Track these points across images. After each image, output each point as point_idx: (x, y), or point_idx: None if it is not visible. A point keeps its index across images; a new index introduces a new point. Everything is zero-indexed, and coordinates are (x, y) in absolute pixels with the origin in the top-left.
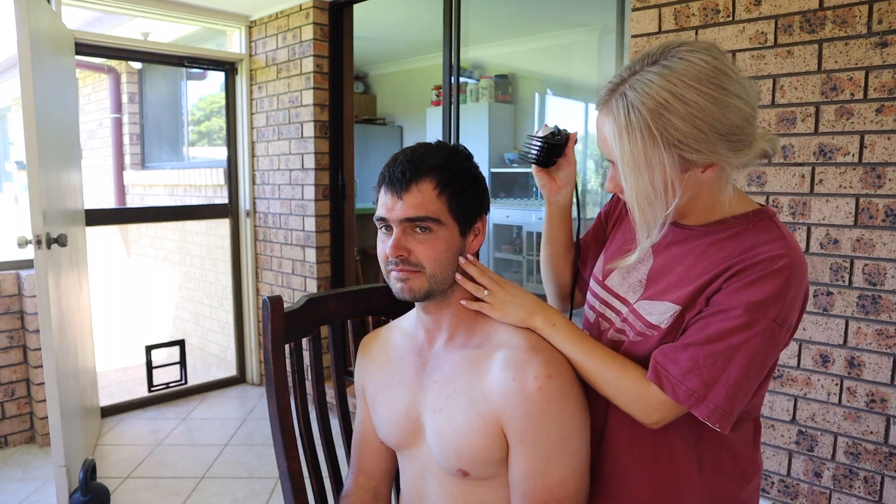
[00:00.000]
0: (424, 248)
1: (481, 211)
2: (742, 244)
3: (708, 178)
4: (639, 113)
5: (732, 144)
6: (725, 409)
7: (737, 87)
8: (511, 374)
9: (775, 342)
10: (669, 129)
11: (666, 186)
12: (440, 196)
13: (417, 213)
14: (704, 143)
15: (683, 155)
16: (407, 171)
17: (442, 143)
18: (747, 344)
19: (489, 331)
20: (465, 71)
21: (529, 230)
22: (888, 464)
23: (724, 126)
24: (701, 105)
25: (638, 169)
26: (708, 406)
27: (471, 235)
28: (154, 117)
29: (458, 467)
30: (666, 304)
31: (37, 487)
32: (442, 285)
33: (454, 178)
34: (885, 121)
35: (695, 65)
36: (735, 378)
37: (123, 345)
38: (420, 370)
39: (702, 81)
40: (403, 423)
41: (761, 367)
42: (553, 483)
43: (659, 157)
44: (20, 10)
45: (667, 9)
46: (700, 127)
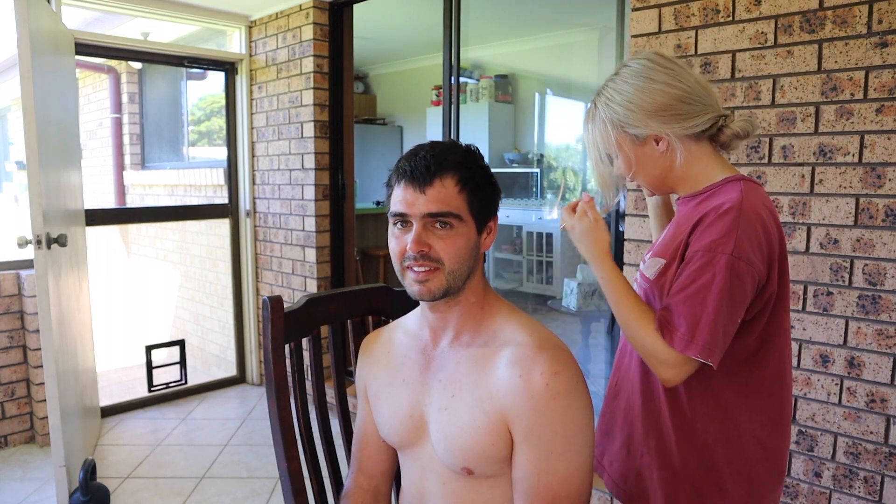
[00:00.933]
0: (445, 244)
1: (495, 210)
2: (711, 202)
3: (665, 150)
4: (596, 110)
5: (663, 119)
6: (711, 343)
7: (662, 76)
8: (517, 371)
9: (738, 276)
10: (612, 114)
11: (629, 162)
12: (461, 192)
13: (441, 208)
14: (638, 119)
15: (628, 131)
16: (431, 165)
17: (456, 143)
18: (714, 280)
19: (495, 329)
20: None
21: (529, 230)
22: (888, 464)
23: (649, 105)
24: (629, 92)
25: (597, 150)
26: (696, 346)
27: (484, 233)
28: (154, 117)
29: (462, 465)
30: (656, 259)
31: (37, 487)
32: (458, 282)
33: (474, 176)
34: (885, 121)
35: (630, 68)
36: (713, 314)
37: (123, 345)
38: (424, 369)
39: (632, 77)
40: (407, 422)
41: (733, 301)
42: (557, 480)
43: (613, 138)
44: (20, 10)
45: (667, 9)
46: (630, 108)
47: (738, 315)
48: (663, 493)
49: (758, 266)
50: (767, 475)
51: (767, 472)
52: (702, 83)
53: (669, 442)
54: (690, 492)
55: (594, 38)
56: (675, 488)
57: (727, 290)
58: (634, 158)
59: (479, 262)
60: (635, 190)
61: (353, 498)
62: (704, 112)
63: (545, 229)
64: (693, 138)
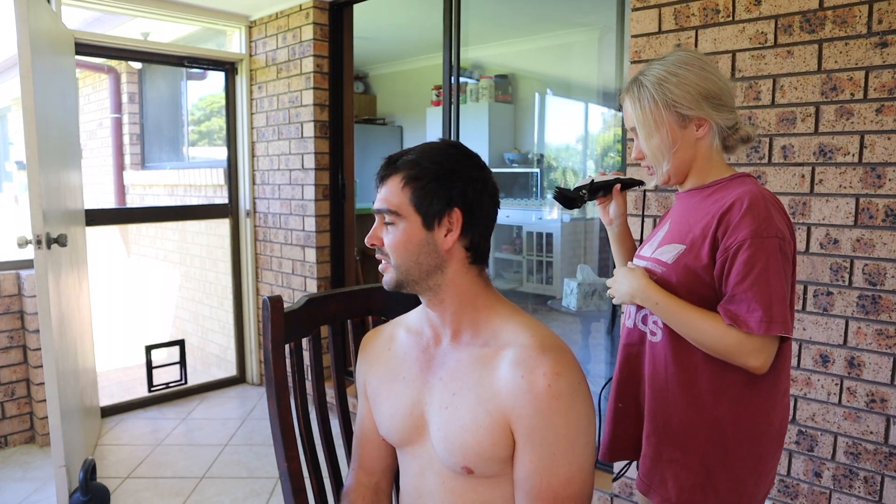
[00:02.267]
0: (388, 240)
1: (451, 205)
2: (725, 194)
3: (701, 136)
4: (646, 88)
5: (713, 104)
6: (786, 317)
7: (711, 69)
8: (520, 371)
9: (785, 253)
10: (667, 94)
11: (673, 136)
12: (403, 189)
13: (381, 205)
14: (693, 101)
15: (680, 111)
16: (382, 167)
17: (434, 143)
18: (770, 263)
19: (495, 329)
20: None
21: (529, 230)
22: (888, 464)
23: (704, 89)
24: (686, 76)
25: (647, 127)
26: (777, 323)
27: (442, 230)
28: (154, 117)
29: (462, 465)
30: (674, 245)
31: (37, 487)
32: (411, 276)
33: (421, 172)
34: (885, 121)
35: (680, 55)
36: (779, 293)
37: (123, 345)
38: (426, 367)
39: (687, 63)
40: (407, 420)
41: (787, 275)
42: (558, 481)
43: (662, 116)
44: (20, 10)
45: (667, 9)
46: (687, 90)
47: (791, 289)
48: (673, 473)
49: (790, 241)
50: (772, 450)
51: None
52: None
53: (678, 419)
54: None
55: (594, 38)
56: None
57: (782, 269)
58: (678, 139)
59: (447, 261)
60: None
61: (354, 495)
62: (734, 109)
63: (545, 229)
64: (719, 132)
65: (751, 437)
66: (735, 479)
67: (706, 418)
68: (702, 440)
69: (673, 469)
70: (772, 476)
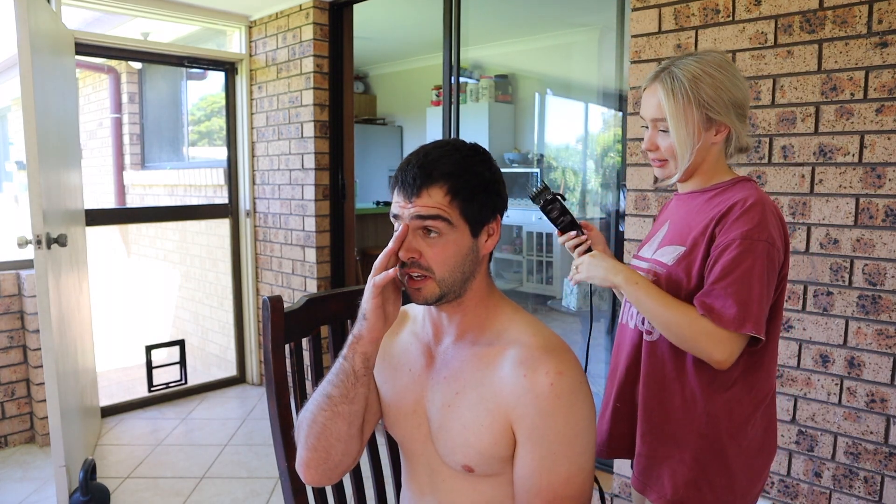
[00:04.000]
0: (433, 253)
1: (495, 212)
2: (727, 197)
3: (717, 142)
4: (681, 82)
5: (739, 113)
6: (760, 319)
7: (741, 78)
8: (522, 371)
9: (772, 259)
10: (701, 94)
11: (698, 135)
12: (452, 201)
13: (429, 211)
14: (723, 107)
15: (708, 114)
16: (418, 177)
17: (456, 146)
18: (755, 265)
19: (499, 328)
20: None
21: (529, 230)
22: (888, 464)
23: (735, 98)
24: (722, 80)
25: (678, 120)
26: (751, 322)
27: (484, 236)
28: (154, 117)
29: (463, 463)
30: (674, 247)
31: (37, 487)
32: (454, 287)
33: (466, 184)
34: (885, 121)
35: (716, 57)
36: (758, 294)
37: (123, 345)
38: (428, 365)
39: (723, 67)
40: (410, 417)
41: (770, 280)
42: (558, 481)
43: (692, 114)
44: (20, 10)
45: (667, 9)
46: (721, 95)
47: (772, 295)
48: (669, 470)
49: (780, 250)
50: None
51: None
52: None
53: (673, 416)
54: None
55: (594, 38)
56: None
57: (766, 273)
58: (700, 139)
59: (480, 265)
60: (635, 190)
61: None
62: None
63: (545, 229)
64: (732, 141)
65: (743, 434)
66: (729, 475)
67: (700, 414)
68: (696, 436)
69: (669, 465)
70: (765, 473)
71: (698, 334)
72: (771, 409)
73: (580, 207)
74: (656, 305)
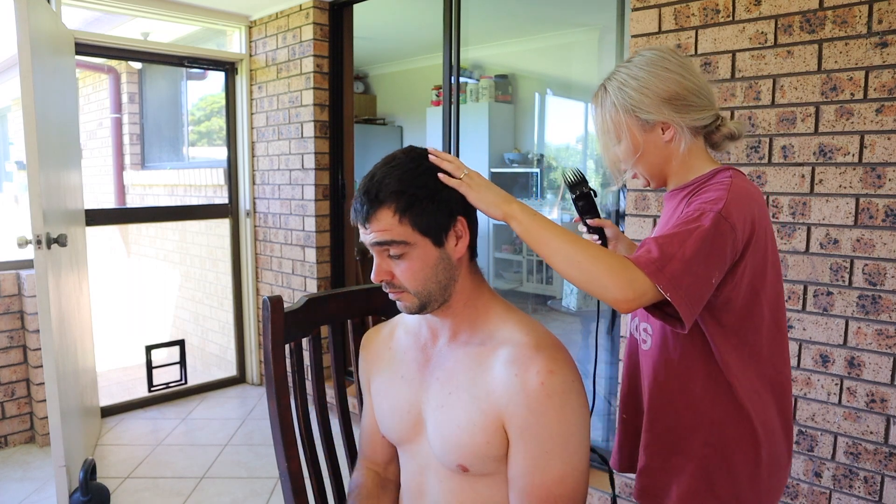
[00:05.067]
0: (401, 271)
1: (452, 215)
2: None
3: (670, 140)
4: (607, 93)
5: (675, 107)
6: (679, 281)
7: (676, 67)
8: (514, 370)
9: (721, 233)
10: (625, 98)
11: (635, 145)
12: (402, 220)
13: (383, 237)
14: (651, 105)
15: (639, 116)
16: (365, 203)
17: (397, 162)
18: (698, 229)
19: (492, 329)
20: (465, 71)
21: None
22: (888, 464)
23: (664, 92)
24: (647, 79)
25: (608, 134)
26: (666, 275)
27: (451, 241)
28: (154, 117)
29: (458, 463)
30: None
31: (37, 487)
32: (433, 297)
33: (411, 199)
34: (885, 121)
35: (644, 56)
36: (689, 254)
37: (123, 345)
38: (423, 366)
39: (647, 64)
40: (405, 419)
41: (711, 254)
42: (551, 479)
43: (623, 122)
44: (20, 10)
45: (667, 9)
46: (645, 93)
47: (712, 273)
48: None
49: (738, 235)
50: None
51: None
52: (707, 81)
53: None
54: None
55: (594, 38)
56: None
57: (708, 241)
58: (641, 144)
59: (457, 269)
60: (635, 190)
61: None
62: (709, 108)
63: None
64: (692, 132)
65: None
66: (734, 484)
67: (704, 423)
68: (701, 444)
69: (673, 476)
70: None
71: (603, 269)
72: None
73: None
74: (554, 237)
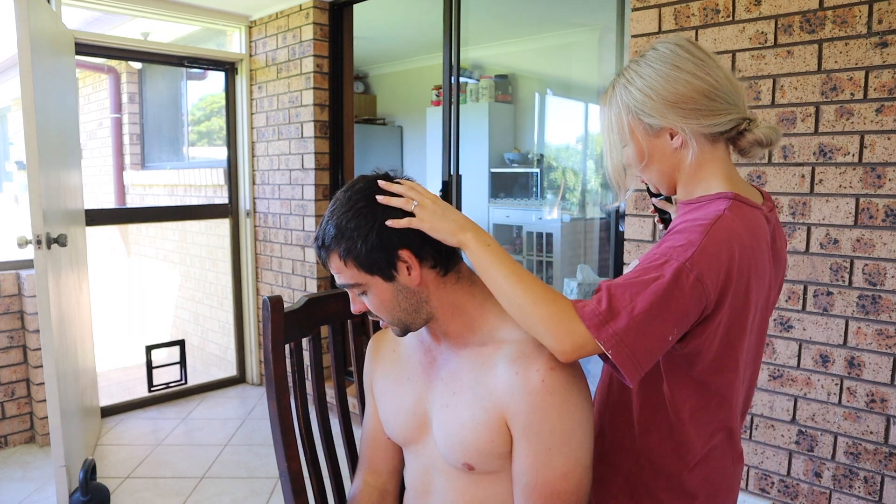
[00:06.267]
0: (370, 305)
1: (392, 249)
2: (696, 214)
3: (679, 147)
4: (613, 91)
5: (682, 111)
6: (624, 338)
7: (690, 65)
8: (515, 368)
9: (681, 287)
10: (628, 98)
11: (640, 152)
12: (347, 265)
13: (340, 280)
14: (654, 109)
15: (642, 119)
16: (319, 250)
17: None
18: (656, 281)
19: (490, 329)
20: (465, 71)
21: (529, 230)
22: (888, 464)
23: (670, 94)
24: (652, 77)
25: (612, 137)
26: (608, 331)
27: (402, 273)
28: (154, 117)
29: (463, 461)
30: (634, 262)
31: (37, 487)
32: (410, 321)
33: (349, 244)
34: (885, 121)
35: (657, 51)
36: (640, 310)
37: (123, 345)
38: (429, 367)
39: (657, 61)
40: (410, 419)
41: (667, 310)
42: (555, 476)
43: (627, 123)
44: (20, 10)
45: (667, 9)
46: (649, 94)
47: (668, 331)
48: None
49: (707, 287)
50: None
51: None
52: (731, 80)
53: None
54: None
55: (594, 38)
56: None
57: (665, 296)
58: (647, 150)
59: (424, 292)
60: (635, 190)
61: (361, 496)
62: (728, 111)
63: (545, 229)
64: (709, 138)
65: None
66: None
67: (636, 446)
68: (628, 462)
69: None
70: None
71: (543, 316)
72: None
73: (580, 207)
74: (506, 275)
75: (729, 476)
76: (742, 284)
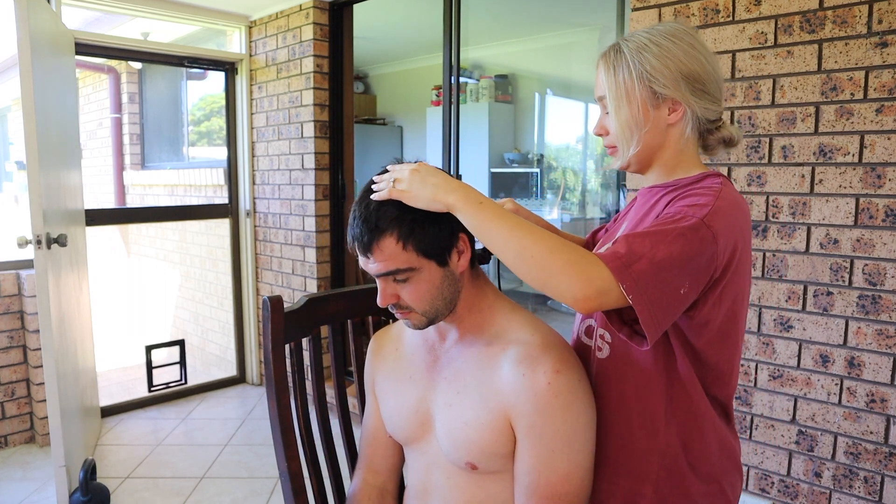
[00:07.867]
0: (407, 293)
1: (453, 233)
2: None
3: (673, 122)
4: (623, 54)
5: (693, 88)
6: (645, 284)
7: (701, 47)
8: (521, 369)
9: (700, 241)
10: (644, 64)
11: (644, 113)
12: (405, 248)
13: (389, 268)
14: (670, 79)
15: (654, 87)
16: (365, 233)
17: None
18: (674, 231)
19: (497, 329)
20: (465, 71)
21: None
22: (888, 464)
23: (686, 69)
24: (670, 49)
25: (620, 99)
26: (631, 273)
27: (454, 258)
28: (154, 117)
29: (466, 460)
30: None
31: (37, 487)
32: (439, 313)
33: (413, 225)
34: (885, 121)
35: (672, 26)
36: (661, 257)
37: (123, 345)
38: (432, 366)
39: (674, 35)
40: (413, 417)
41: (686, 261)
42: (557, 477)
43: (634, 88)
44: (20, 10)
45: (667, 9)
46: (667, 65)
47: (682, 284)
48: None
49: (720, 247)
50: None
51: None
52: (721, 75)
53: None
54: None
55: (594, 38)
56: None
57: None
58: (644, 117)
59: (461, 281)
60: (635, 190)
61: (360, 494)
62: (720, 102)
63: None
64: (695, 124)
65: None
66: None
67: (660, 444)
68: (656, 467)
69: (627, 499)
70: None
71: (561, 263)
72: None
73: (580, 207)
74: (511, 228)
75: (738, 455)
76: (746, 254)
